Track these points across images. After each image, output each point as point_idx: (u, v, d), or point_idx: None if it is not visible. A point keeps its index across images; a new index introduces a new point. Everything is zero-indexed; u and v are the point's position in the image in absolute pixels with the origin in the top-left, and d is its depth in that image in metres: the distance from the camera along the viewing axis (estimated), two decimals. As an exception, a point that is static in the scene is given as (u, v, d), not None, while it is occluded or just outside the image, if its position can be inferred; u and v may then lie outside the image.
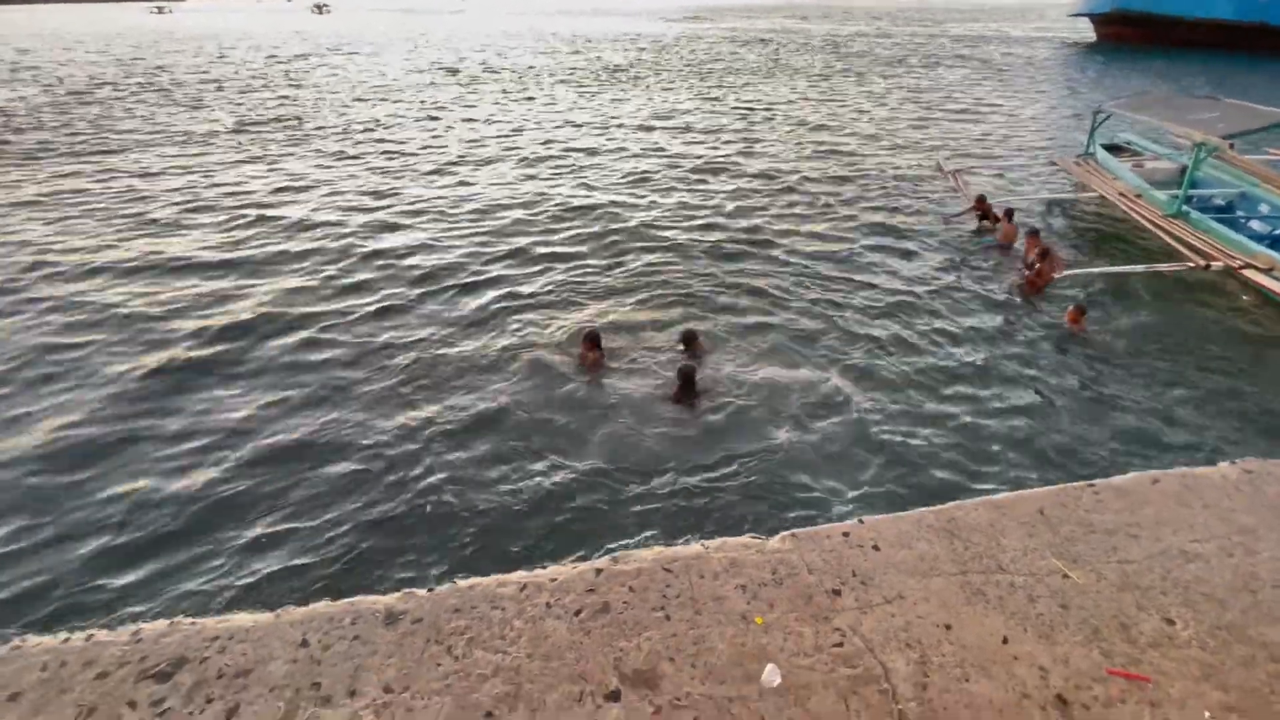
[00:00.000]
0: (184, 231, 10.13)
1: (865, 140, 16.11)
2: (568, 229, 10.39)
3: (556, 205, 11.46)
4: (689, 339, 6.52)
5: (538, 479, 5.04)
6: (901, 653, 2.52)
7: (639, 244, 9.69)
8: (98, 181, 12.52)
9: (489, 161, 14.29)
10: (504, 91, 23.36)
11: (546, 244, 9.77)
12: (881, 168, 13.63)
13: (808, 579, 2.85)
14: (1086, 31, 43.09)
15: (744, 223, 10.55)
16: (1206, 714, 2.31)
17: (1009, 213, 9.59)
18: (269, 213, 11.02)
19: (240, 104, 20.17)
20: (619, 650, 2.53)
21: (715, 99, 22.06)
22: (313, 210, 11.16)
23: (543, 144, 15.88)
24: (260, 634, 2.60)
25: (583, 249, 9.54)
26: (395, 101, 21.13)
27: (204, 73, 26.74)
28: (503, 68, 29.49)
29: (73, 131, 16.33)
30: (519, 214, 11.03)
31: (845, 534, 3.11)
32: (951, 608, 2.71)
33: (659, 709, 2.32)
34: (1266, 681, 2.43)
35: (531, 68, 29.41)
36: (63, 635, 2.61)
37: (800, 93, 23.20)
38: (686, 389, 5.81)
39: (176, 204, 11.36)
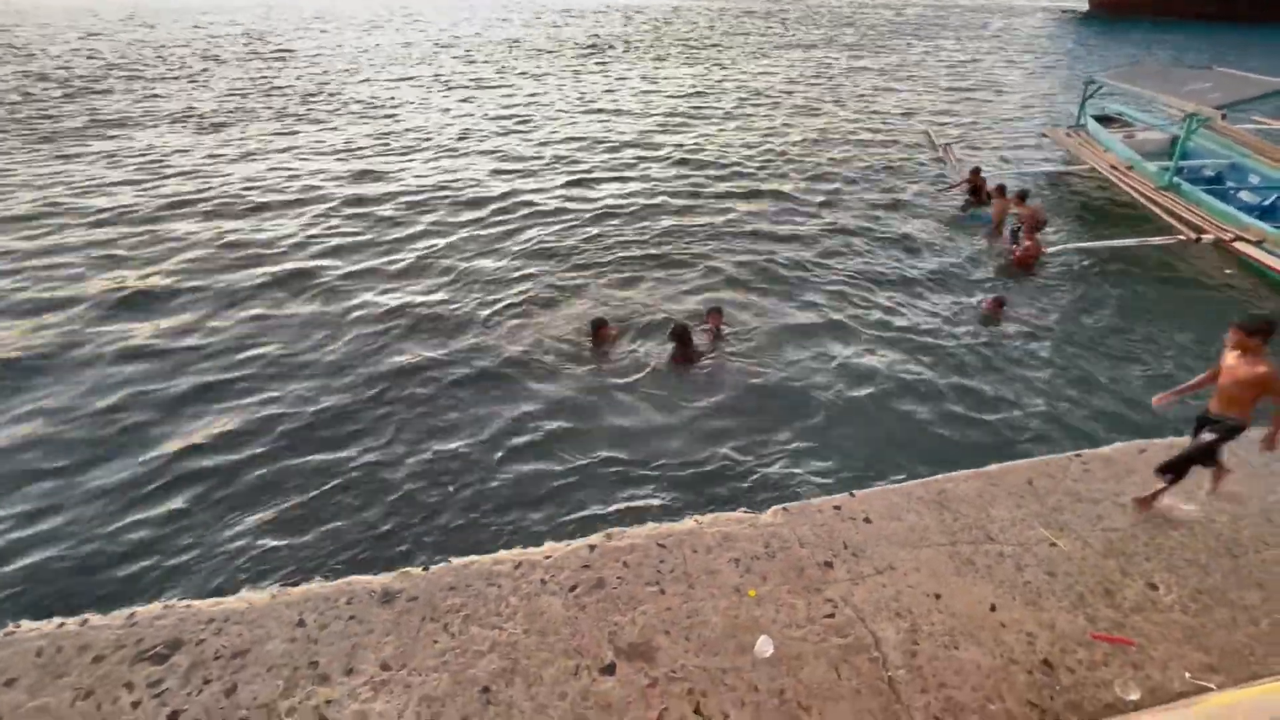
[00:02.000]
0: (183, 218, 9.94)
1: (857, 113, 15.94)
2: (567, 212, 10.26)
3: (554, 186, 11.31)
4: (711, 313, 6.47)
5: (534, 459, 5.05)
6: (892, 622, 2.57)
7: (640, 224, 9.59)
8: (89, 164, 12.23)
9: (488, 140, 14.04)
10: (502, 68, 22.89)
11: (546, 226, 9.66)
12: (873, 141, 13.51)
13: (800, 552, 2.88)
14: (1080, 1, 42.57)
15: (739, 198, 10.46)
16: (1187, 674, 2.37)
17: (1000, 188, 9.54)
18: (260, 199, 10.82)
19: (228, 84, 19.66)
20: (614, 625, 2.56)
21: (711, 73, 21.73)
22: (309, 191, 10.96)
23: (539, 123, 15.61)
24: (256, 615, 2.61)
25: (583, 230, 9.44)
26: (390, 80, 20.66)
27: (194, 48, 26.00)
28: (494, 41, 28.87)
29: (60, 112, 15.89)
30: (521, 194, 10.88)
31: (837, 507, 3.14)
32: (941, 577, 2.76)
33: (654, 681, 2.36)
34: (1246, 643, 2.50)
35: (519, 40, 28.82)
36: (57, 620, 2.61)
37: (794, 66, 22.88)
38: (682, 349, 5.89)
39: (170, 189, 11.12)
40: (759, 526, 3.02)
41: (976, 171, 10.21)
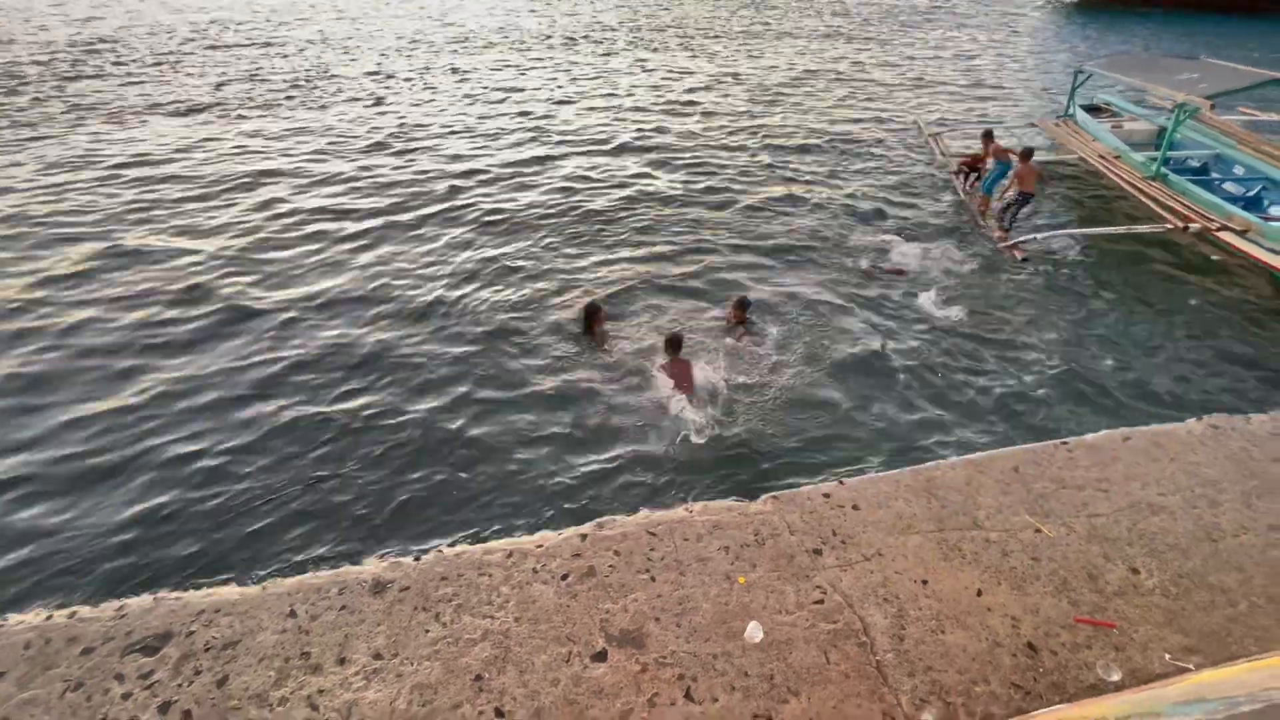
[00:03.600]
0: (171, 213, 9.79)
1: (847, 102, 15.92)
2: (561, 201, 10.20)
3: (547, 174, 11.24)
4: (741, 305, 6.46)
5: (525, 448, 5.05)
6: (880, 607, 2.60)
7: (632, 214, 9.56)
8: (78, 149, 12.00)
9: (487, 131, 13.90)
10: (497, 58, 22.59)
11: (540, 216, 9.60)
12: (862, 131, 13.50)
13: (789, 539, 2.91)
14: (1070, -10, 42.46)
15: (730, 190, 10.45)
16: (1167, 656, 2.43)
17: (977, 161, 9.75)
18: (247, 195, 10.67)
19: (216, 71, 19.31)
20: (605, 612, 2.58)
21: (705, 64, 21.59)
22: (304, 180, 10.83)
23: (533, 113, 15.46)
24: (246, 606, 2.60)
25: (576, 220, 9.40)
26: (382, 69, 20.36)
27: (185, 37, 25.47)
28: (489, 29, 28.50)
29: (44, 100, 15.54)
30: (515, 183, 10.81)
31: (826, 495, 3.17)
32: (928, 563, 2.79)
33: (645, 667, 2.38)
34: (1224, 625, 2.55)
35: (515, 28, 28.48)
36: (45, 613, 2.59)
37: (786, 56, 22.77)
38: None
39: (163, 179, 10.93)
40: (749, 514, 3.05)
41: (977, 156, 10.32)
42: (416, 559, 2.83)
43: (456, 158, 12.06)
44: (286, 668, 2.36)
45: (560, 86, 17.83)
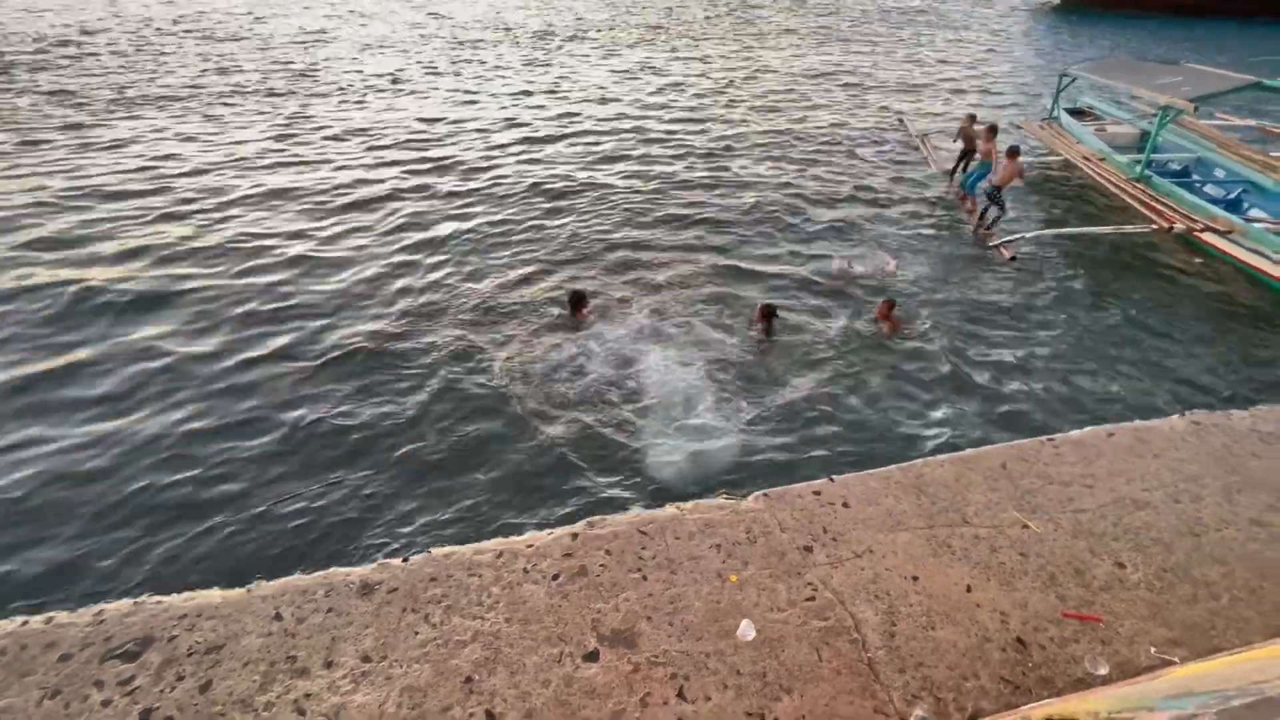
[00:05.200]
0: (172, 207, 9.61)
1: (834, 102, 16.00)
2: (550, 193, 10.17)
3: (536, 170, 11.19)
4: (767, 313, 6.40)
5: (513, 446, 5.02)
6: (870, 604, 2.61)
7: (618, 210, 9.54)
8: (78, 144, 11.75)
9: (475, 123, 13.81)
10: (484, 60, 22.47)
11: (527, 208, 9.56)
12: (851, 131, 13.58)
13: (780, 537, 2.91)
14: (1054, -7, 42.98)
15: (714, 193, 10.46)
16: (1152, 649, 2.46)
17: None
18: (243, 185, 10.51)
19: (192, 67, 19.01)
20: (596, 612, 2.57)
21: (693, 64, 21.61)
22: (297, 171, 10.68)
23: (524, 109, 15.39)
24: (231, 610, 2.56)
25: (560, 213, 9.37)
26: (372, 65, 20.16)
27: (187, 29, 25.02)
28: (478, 23, 28.33)
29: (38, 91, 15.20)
30: (504, 175, 10.74)
31: (816, 493, 3.17)
32: (918, 560, 2.81)
33: (637, 667, 2.37)
34: (1207, 617, 2.59)
35: (501, 24, 28.34)
36: (20, 619, 2.53)
37: (772, 56, 22.86)
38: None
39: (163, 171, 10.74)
40: (740, 512, 3.05)
41: (970, 141, 10.50)
42: (405, 560, 2.80)
43: (446, 156, 11.97)
44: (272, 672, 2.32)
45: (553, 82, 17.77)
